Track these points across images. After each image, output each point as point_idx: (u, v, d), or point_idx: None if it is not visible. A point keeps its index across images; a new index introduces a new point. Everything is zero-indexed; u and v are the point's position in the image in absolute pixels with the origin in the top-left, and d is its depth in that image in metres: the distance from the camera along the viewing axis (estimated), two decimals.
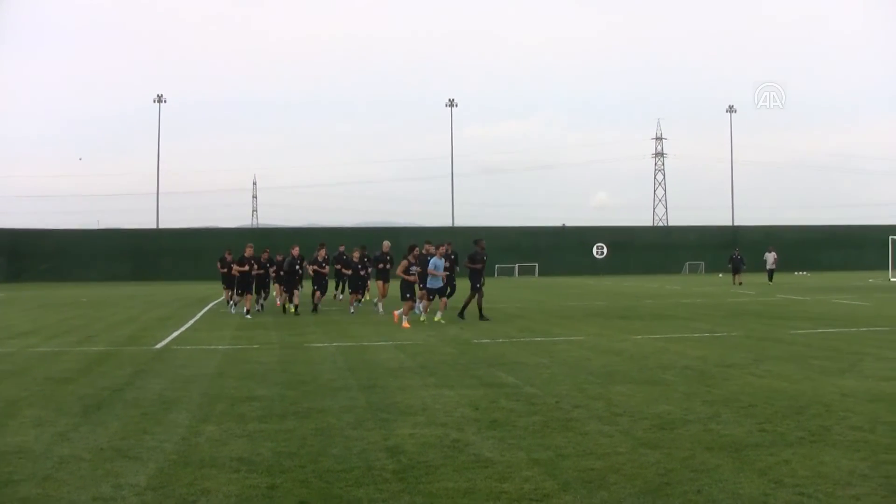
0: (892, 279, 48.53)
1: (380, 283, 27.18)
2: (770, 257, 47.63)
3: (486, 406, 10.12)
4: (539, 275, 69.19)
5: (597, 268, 68.65)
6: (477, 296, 23.15)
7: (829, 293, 35.44)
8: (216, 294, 36.55)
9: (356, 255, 27.57)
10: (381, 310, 26.32)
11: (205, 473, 7.14)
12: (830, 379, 11.97)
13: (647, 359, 14.46)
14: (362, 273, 27.77)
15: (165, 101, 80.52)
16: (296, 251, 26.85)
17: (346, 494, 6.53)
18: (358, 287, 27.49)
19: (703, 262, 74.60)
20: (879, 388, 11.14)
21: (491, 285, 49.16)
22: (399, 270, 22.90)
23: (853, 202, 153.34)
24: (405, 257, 23.32)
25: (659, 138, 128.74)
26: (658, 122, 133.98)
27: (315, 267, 27.10)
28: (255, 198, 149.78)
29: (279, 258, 27.97)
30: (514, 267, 70.12)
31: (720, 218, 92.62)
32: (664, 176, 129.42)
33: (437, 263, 22.52)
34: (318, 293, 27.12)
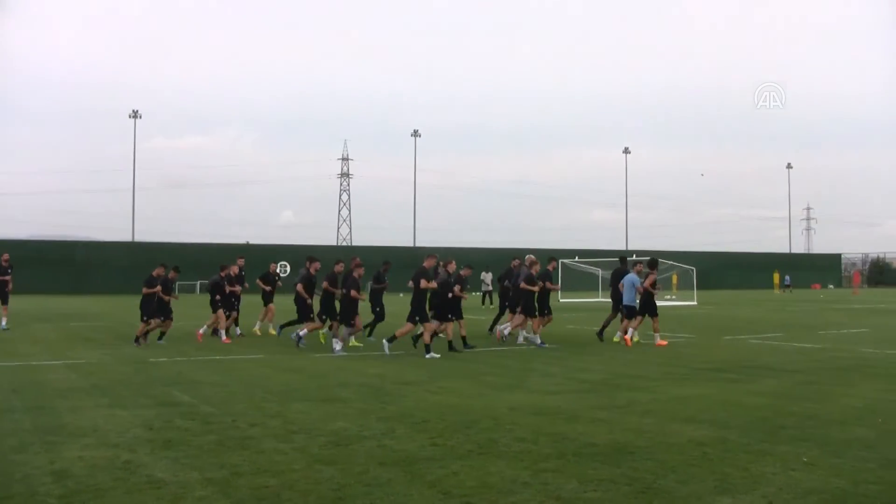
0: (560, 300, 51.45)
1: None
2: (488, 277, 45.93)
3: (160, 426, 9.88)
4: None
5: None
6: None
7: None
8: None
9: (234, 269, 23.38)
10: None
11: None
12: (500, 394, 12.57)
13: (326, 377, 14.61)
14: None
15: None
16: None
17: None
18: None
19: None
20: (543, 401, 11.82)
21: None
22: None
23: (527, 226, 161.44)
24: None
25: (345, 159, 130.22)
26: (345, 143, 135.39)
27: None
28: None
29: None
30: (195, 284, 68.67)
31: (403, 239, 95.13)
32: (349, 196, 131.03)
33: (633, 279, 21.35)
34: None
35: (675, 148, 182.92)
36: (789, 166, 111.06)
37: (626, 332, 21.15)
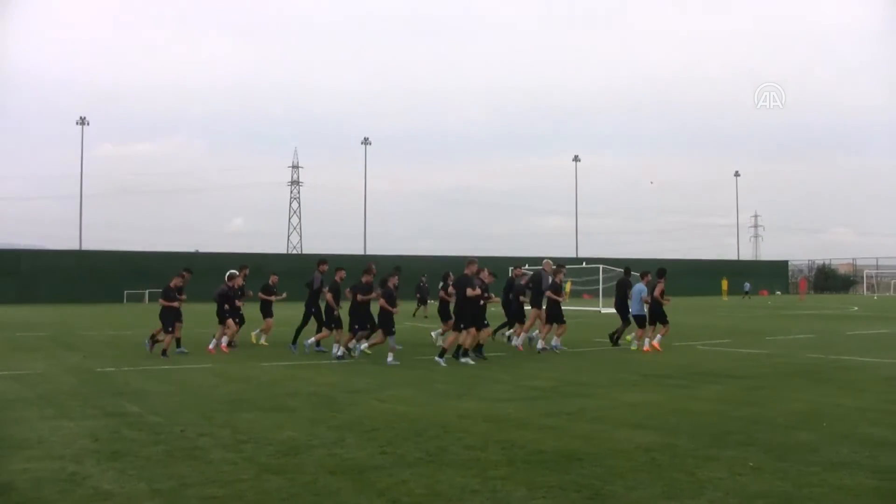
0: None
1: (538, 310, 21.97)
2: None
3: (107, 437, 9.79)
4: None
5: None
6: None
7: None
8: None
9: (238, 281, 22.62)
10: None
11: None
12: (450, 402, 12.59)
13: (276, 386, 14.55)
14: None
15: None
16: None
17: None
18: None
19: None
20: (493, 409, 11.86)
21: (120, 312, 47.52)
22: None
23: (479, 233, 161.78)
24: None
25: (295, 167, 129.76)
26: (295, 151, 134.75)
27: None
28: None
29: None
30: (144, 293, 68.02)
31: (353, 246, 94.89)
32: (300, 204, 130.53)
33: (641, 289, 21.78)
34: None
35: (625, 156, 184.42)
36: (737, 174, 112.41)
37: (644, 340, 21.51)
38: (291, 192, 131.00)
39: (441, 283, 22.30)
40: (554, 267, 22.00)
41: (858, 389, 13.93)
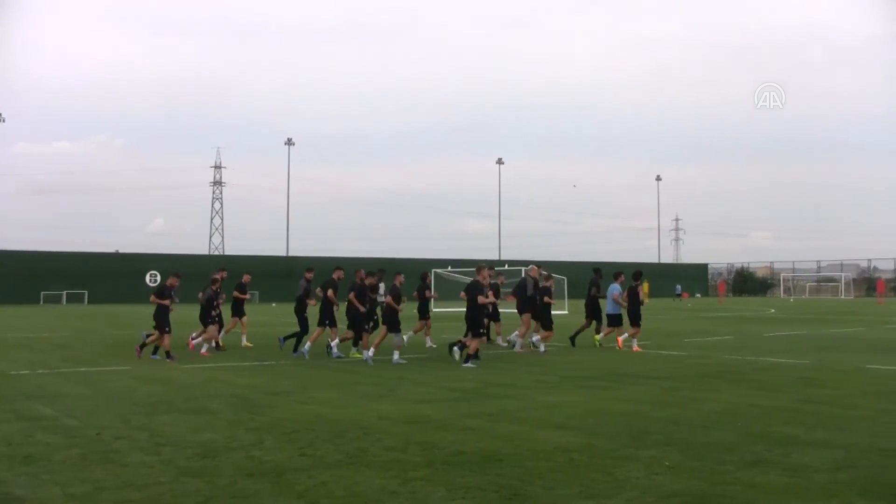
0: (433, 309, 51.50)
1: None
2: (380, 288, 42.92)
3: (20, 441, 9.59)
4: (89, 302, 66.58)
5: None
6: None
7: None
8: None
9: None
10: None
11: None
12: (370, 403, 12.56)
13: (195, 388, 14.39)
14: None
15: None
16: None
17: None
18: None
19: (257, 292, 75.38)
20: (414, 410, 11.86)
21: (36, 313, 46.66)
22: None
23: (402, 235, 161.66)
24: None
25: (218, 167, 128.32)
26: (217, 151, 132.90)
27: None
28: None
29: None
30: (62, 294, 66.86)
31: (276, 248, 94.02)
32: (222, 205, 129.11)
33: (614, 289, 22.91)
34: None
35: (548, 159, 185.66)
36: (658, 178, 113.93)
37: (630, 342, 22.73)
38: (214, 192, 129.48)
39: (419, 284, 23.19)
40: (544, 273, 22.46)
41: (773, 389, 14.20)
